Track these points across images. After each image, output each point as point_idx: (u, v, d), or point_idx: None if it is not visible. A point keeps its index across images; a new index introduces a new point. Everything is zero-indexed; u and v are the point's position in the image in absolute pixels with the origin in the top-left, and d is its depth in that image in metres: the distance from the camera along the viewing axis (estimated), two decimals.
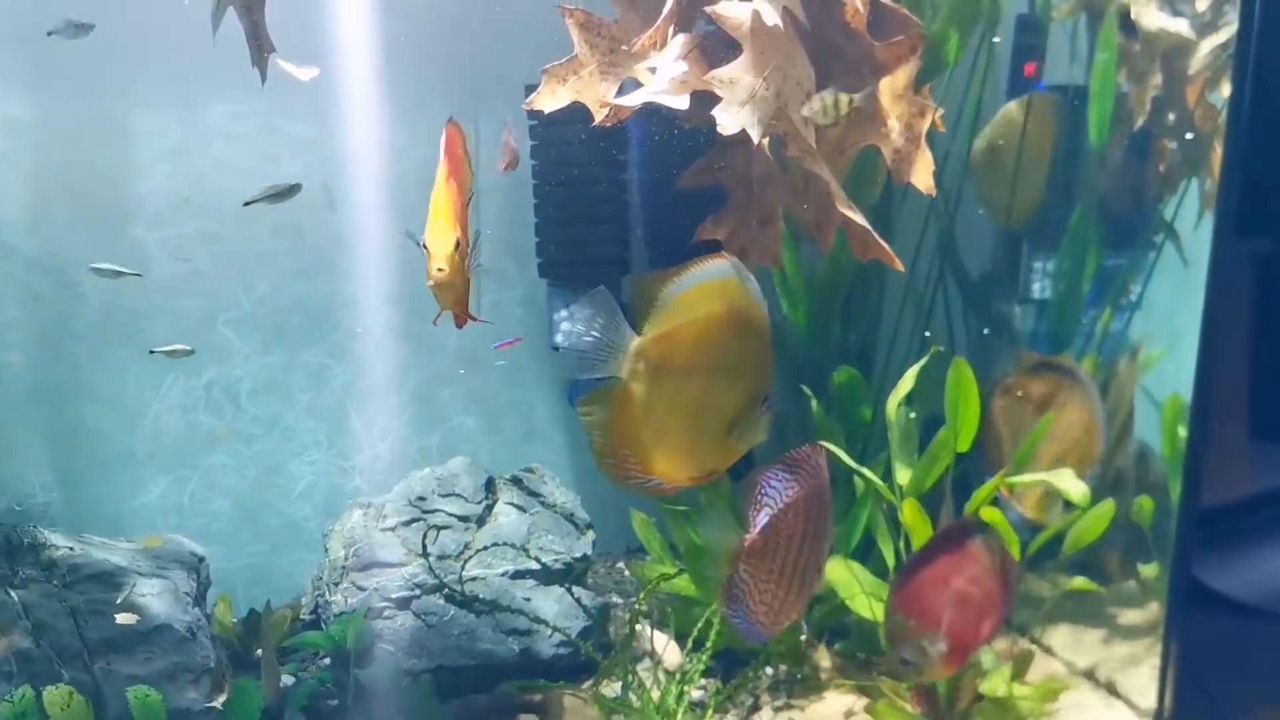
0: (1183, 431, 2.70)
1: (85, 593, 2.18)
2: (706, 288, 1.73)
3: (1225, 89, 2.63)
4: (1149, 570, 2.89)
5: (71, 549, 2.24)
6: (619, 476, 1.80)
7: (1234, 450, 3.00)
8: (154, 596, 2.24)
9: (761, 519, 1.80)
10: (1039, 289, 3.03)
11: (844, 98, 2.02)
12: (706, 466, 1.79)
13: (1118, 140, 2.81)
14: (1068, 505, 2.47)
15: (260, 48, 1.82)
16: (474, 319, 1.82)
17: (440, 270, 1.76)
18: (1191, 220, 2.86)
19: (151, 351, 2.29)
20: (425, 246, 1.77)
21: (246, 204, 2.01)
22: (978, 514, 2.29)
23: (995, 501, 2.39)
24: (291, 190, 2.05)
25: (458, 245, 1.78)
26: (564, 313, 2.71)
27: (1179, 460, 2.75)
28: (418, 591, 2.46)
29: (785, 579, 1.82)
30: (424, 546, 2.39)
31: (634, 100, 2.10)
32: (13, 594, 2.13)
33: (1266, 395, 3.03)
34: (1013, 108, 2.84)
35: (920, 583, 2.18)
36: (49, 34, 2.08)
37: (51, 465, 2.55)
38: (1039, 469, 2.46)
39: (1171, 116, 2.81)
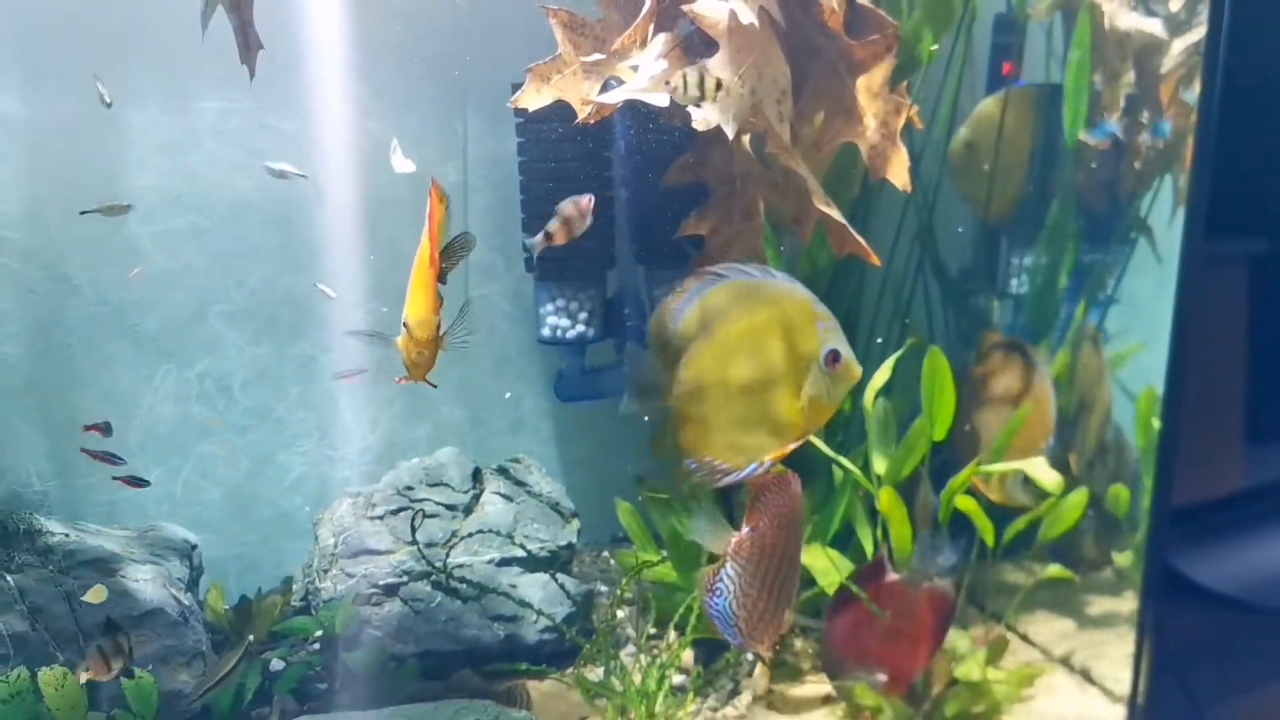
0: (1157, 423, 2.75)
1: (80, 578, 2.23)
2: (708, 299, 1.93)
3: (1198, 87, 2.69)
4: (1123, 558, 2.94)
5: (67, 535, 2.29)
6: (710, 480, 2.01)
7: (1206, 442, 3.05)
8: (147, 582, 2.29)
9: (755, 522, 1.92)
10: (1017, 283, 3.09)
11: (709, 78, 2.01)
12: (787, 439, 1.97)
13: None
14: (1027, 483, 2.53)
15: (248, 45, 1.87)
16: (430, 385, 1.98)
17: (419, 350, 1.85)
18: (1166, 216, 2.91)
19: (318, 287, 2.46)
20: (406, 325, 1.89)
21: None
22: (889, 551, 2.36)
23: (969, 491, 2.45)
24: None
25: (437, 324, 1.91)
26: (550, 307, 2.76)
27: (1153, 452, 2.80)
28: (405, 578, 2.51)
29: (766, 590, 1.91)
30: (412, 530, 2.44)
31: (615, 97, 2.15)
32: (9, 579, 2.17)
33: (1237, 388, 3.07)
34: (989, 104, 2.90)
35: (851, 624, 2.25)
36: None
37: (47, 455, 2.59)
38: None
39: (1145, 114, 2.86)
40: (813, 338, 1.92)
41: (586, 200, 2.02)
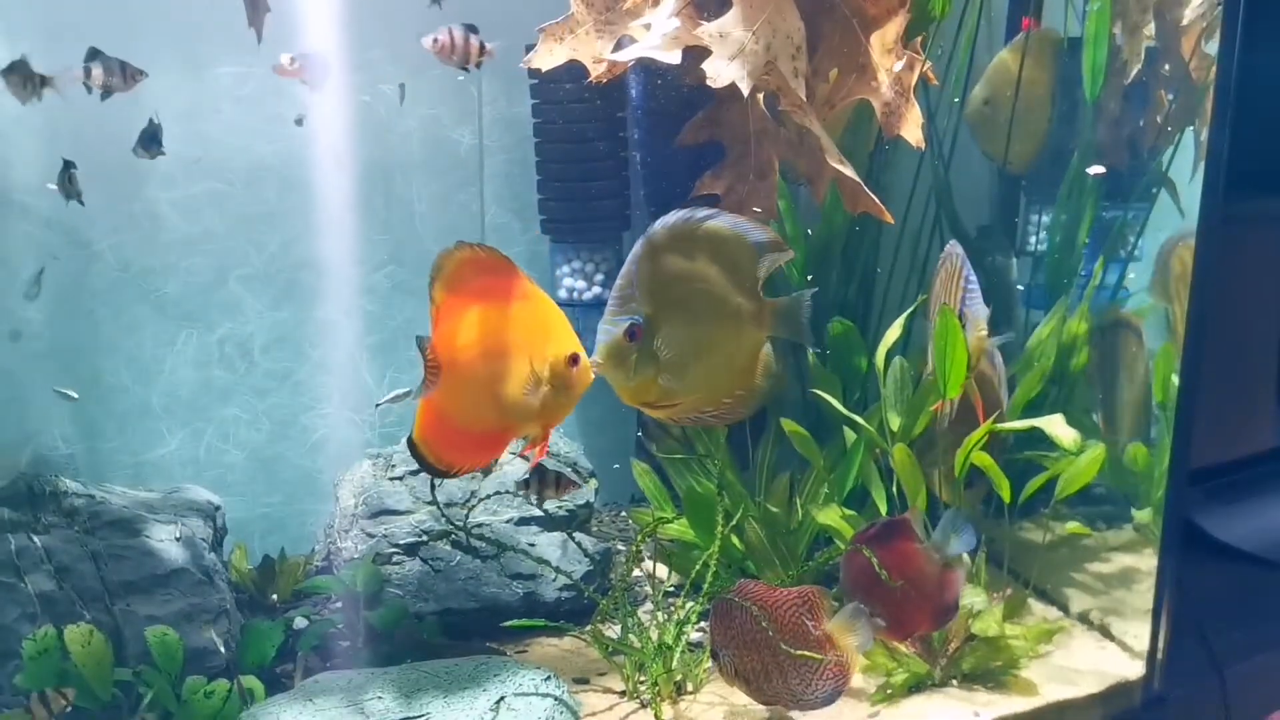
0: (1175, 380, 2.73)
1: (105, 538, 2.27)
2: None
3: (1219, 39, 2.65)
4: (1143, 514, 2.94)
5: (92, 497, 2.33)
6: None
7: (1226, 399, 3.03)
8: (171, 542, 2.33)
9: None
10: (1036, 241, 3.07)
11: None
12: None
13: (1113, 91, 2.83)
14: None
15: (255, 7, 1.88)
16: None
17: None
18: (1187, 172, 2.87)
19: None
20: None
21: None
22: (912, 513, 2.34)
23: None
24: None
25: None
26: (566, 269, 2.77)
27: (1171, 407, 2.79)
28: (425, 538, 2.54)
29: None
30: (432, 490, 2.46)
31: (627, 55, 2.15)
32: (36, 539, 2.22)
33: (1258, 345, 3.05)
34: (1006, 55, 2.87)
35: (859, 571, 2.23)
36: None
37: (72, 419, 2.63)
38: None
39: (1167, 67, 2.83)
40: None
41: None
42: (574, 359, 1.82)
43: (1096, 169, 2.88)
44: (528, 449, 1.96)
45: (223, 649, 2.25)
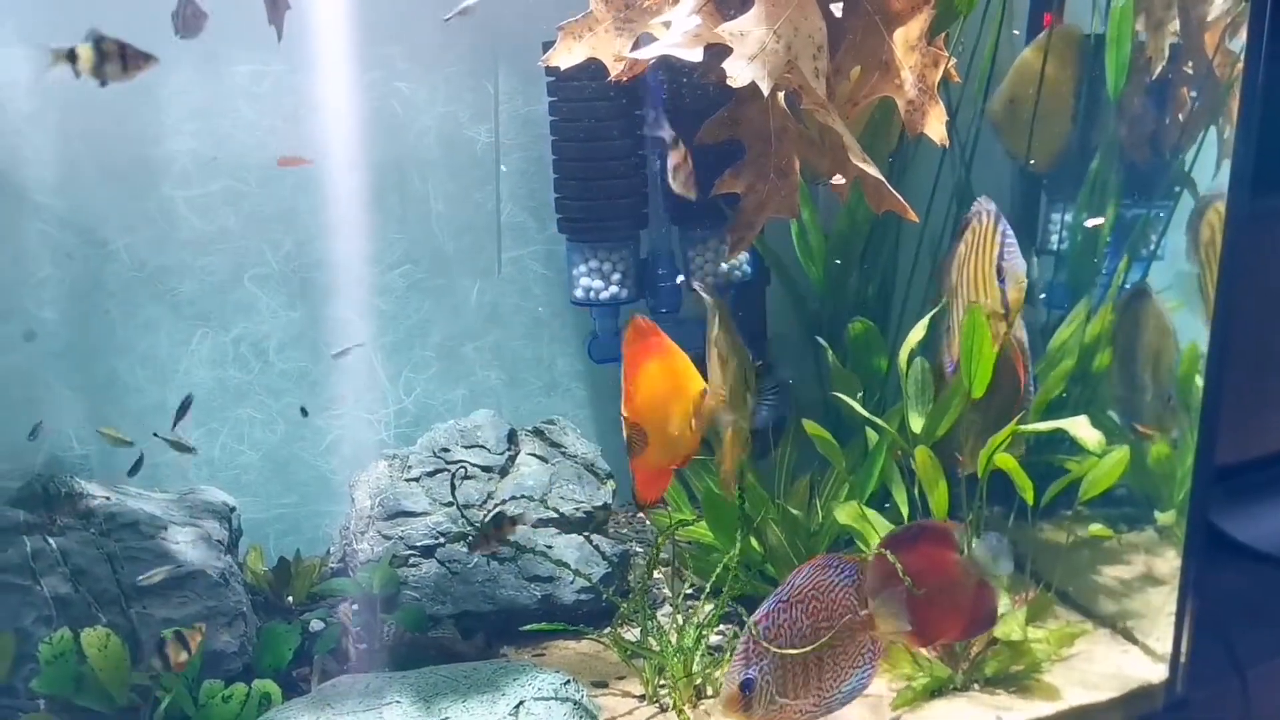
0: (1199, 380, 2.70)
1: (121, 540, 2.26)
2: None
3: (1244, 35, 2.62)
4: (1166, 516, 2.91)
5: (108, 498, 2.32)
6: None
7: (1250, 400, 3.00)
8: (188, 544, 2.31)
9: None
10: (1058, 240, 3.03)
11: None
12: None
13: (1135, 88, 2.79)
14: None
15: (276, 5, 1.86)
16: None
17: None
18: (1210, 169, 2.84)
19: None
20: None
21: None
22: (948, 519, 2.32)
23: None
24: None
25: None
26: (583, 268, 2.75)
27: (1196, 407, 2.75)
28: (441, 540, 2.52)
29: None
30: (452, 491, 2.44)
31: (648, 53, 2.12)
32: (51, 541, 2.20)
33: None
34: (1029, 54, 2.84)
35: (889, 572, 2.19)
36: None
37: (87, 419, 2.62)
38: None
39: (1190, 64, 2.79)
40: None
41: None
42: (703, 393, 2.07)
43: (1095, 220, 2.88)
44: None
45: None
